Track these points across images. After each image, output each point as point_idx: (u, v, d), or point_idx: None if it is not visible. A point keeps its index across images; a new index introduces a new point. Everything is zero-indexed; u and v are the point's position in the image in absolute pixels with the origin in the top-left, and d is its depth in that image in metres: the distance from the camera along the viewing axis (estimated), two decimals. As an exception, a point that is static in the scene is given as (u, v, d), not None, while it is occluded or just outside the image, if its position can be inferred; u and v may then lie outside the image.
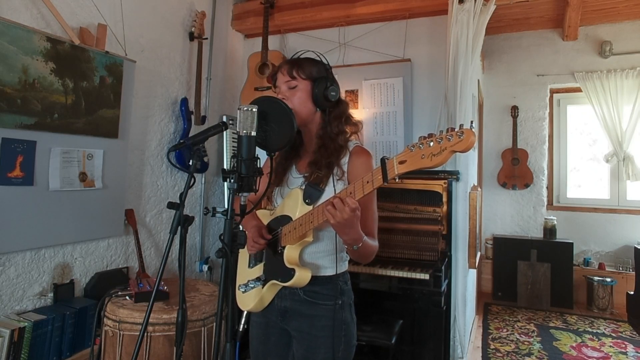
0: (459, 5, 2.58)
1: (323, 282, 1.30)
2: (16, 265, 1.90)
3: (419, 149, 0.91)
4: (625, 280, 3.92)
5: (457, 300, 2.57)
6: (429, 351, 2.25)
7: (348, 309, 1.34)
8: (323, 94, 1.28)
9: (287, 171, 1.38)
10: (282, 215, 1.32)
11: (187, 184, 1.15)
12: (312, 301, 1.29)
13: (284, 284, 1.27)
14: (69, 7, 2.09)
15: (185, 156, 2.69)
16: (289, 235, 1.26)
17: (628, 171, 4.05)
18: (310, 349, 1.28)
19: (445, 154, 0.87)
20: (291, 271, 1.24)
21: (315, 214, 1.17)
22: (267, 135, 1.21)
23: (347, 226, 1.10)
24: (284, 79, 1.30)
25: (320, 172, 1.27)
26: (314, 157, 1.30)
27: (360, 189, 1.06)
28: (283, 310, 1.33)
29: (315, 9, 3.07)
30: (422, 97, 2.94)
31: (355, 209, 1.07)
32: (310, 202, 1.25)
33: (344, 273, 1.36)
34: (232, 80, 3.40)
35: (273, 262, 1.32)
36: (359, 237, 1.16)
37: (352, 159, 1.29)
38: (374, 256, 1.28)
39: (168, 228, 2.73)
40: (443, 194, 2.42)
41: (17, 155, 1.84)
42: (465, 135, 0.85)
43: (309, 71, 1.29)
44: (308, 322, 1.29)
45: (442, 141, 0.88)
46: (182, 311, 1.17)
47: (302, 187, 1.30)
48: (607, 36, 4.08)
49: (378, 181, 1.01)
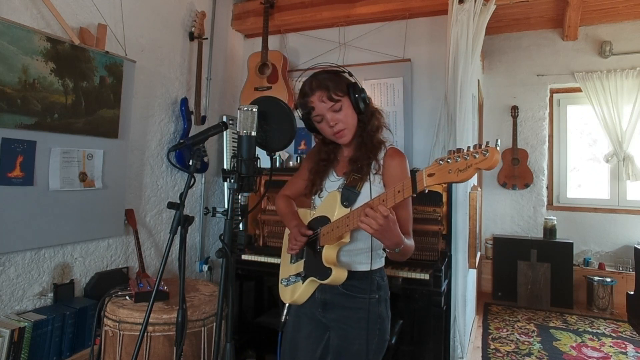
0: (459, 5, 2.58)
1: (360, 277, 1.36)
2: (16, 265, 1.90)
3: (447, 163, 0.95)
4: (625, 280, 3.91)
5: (457, 300, 2.57)
6: (429, 351, 2.25)
7: (384, 305, 1.40)
8: (361, 100, 1.34)
9: (325, 176, 1.45)
10: (321, 216, 1.37)
11: (187, 184, 1.15)
12: (350, 294, 1.35)
13: (321, 282, 1.33)
14: (69, 7, 2.09)
15: (185, 156, 2.69)
16: (327, 236, 1.31)
17: (628, 171, 4.05)
18: (345, 340, 1.35)
19: (471, 170, 0.91)
20: (328, 270, 1.30)
21: (352, 217, 1.22)
22: (267, 135, 1.21)
23: (385, 231, 1.14)
24: (326, 105, 1.31)
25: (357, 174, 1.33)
26: (354, 154, 1.37)
27: (392, 198, 1.11)
28: (323, 302, 1.39)
29: (315, 9, 3.07)
30: (422, 97, 2.94)
31: (387, 216, 1.11)
32: (347, 204, 1.30)
33: (380, 269, 1.42)
34: (232, 80, 3.40)
35: (312, 260, 1.39)
36: (400, 241, 1.21)
37: (387, 160, 1.35)
38: (411, 254, 1.33)
39: (168, 228, 2.73)
40: (443, 194, 2.42)
41: (17, 155, 1.84)
42: (489, 153, 0.88)
43: (342, 86, 1.33)
44: (345, 313, 1.36)
45: (468, 158, 0.91)
46: (182, 311, 1.18)
47: (340, 189, 1.34)
48: (607, 36, 4.08)
49: (408, 192, 1.05)
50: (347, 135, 1.35)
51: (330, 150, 1.45)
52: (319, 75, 1.35)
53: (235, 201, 1.19)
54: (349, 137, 1.36)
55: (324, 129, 1.36)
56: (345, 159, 1.42)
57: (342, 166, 1.43)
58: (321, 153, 1.45)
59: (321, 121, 1.35)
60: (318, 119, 1.35)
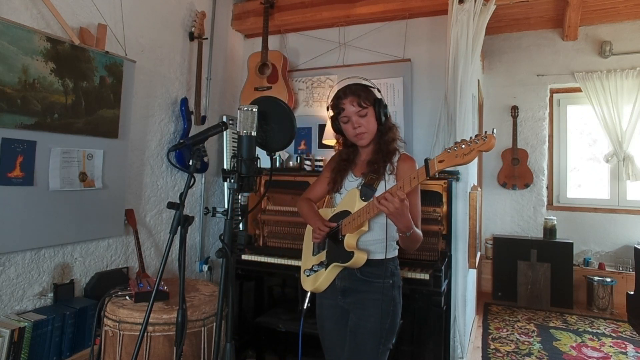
0: (459, 5, 2.58)
1: (376, 264, 1.52)
2: (16, 265, 1.90)
3: (454, 150, 1.17)
4: (625, 280, 3.91)
5: (457, 300, 2.57)
6: (429, 351, 2.25)
7: (397, 290, 1.56)
8: (383, 114, 1.56)
9: (344, 178, 1.63)
10: (342, 211, 1.55)
11: (187, 184, 1.15)
12: (367, 279, 1.52)
13: (344, 264, 1.49)
14: (69, 7, 2.09)
15: (185, 156, 2.69)
16: (348, 226, 1.48)
17: (628, 171, 4.05)
18: (362, 318, 1.51)
19: (474, 153, 1.13)
20: (350, 254, 1.46)
21: (372, 205, 1.39)
22: (267, 135, 1.22)
23: (399, 214, 1.32)
24: (355, 109, 1.53)
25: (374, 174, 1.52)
26: (372, 157, 1.57)
27: (408, 184, 1.30)
28: (343, 289, 1.56)
29: (315, 9, 3.07)
30: (422, 97, 2.94)
31: (404, 199, 1.29)
32: (365, 199, 1.48)
33: (394, 258, 1.59)
34: (232, 80, 3.40)
35: (334, 249, 1.55)
36: (410, 224, 1.39)
37: (400, 163, 1.55)
38: (419, 243, 1.51)
39: (168, 228, 2.73)
40: (443, 194, 2.42)
41: (17, 155, 1.84)
42: (488, 138, 1.12)
43: (371, 98, 1.56)
44: (362, 296, 1.52)
45: (471, 144, 1.14)
46: (182, 311, 1.18)
47: (359, 187, 1.53)
48: (607, 36, 4.08)
49: (422, 176, 1.25)
50: (366, 139, 1.56)
51: (350, 152, 1.65)
52: (353, 85, 1.58)
53: (235, 201, 1.19)
54: (367, 140, 1.56)
55: (348, 129, 1.57)
56: (363, 162, 1.61)
57: (359, 168, 1.61)
58: (342, 154, 1.67)
59: (347, 122, 1.56)
60: (345, 120, 1.56)
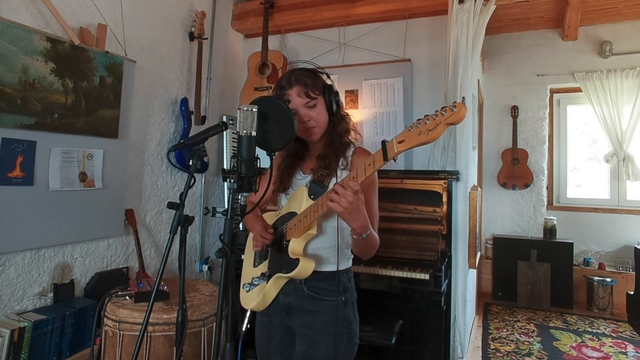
0: (459, 5, 2.58)
1: (326, 278, 1.31)
2: (16, 265, 1.90)
3: (416, 127, 0.97)
4: (625, 280, 3.91)
5: (457, 300, 2.57)
6: (429, 351, 2.25)
7: (351, 307, 1.35)
8: (335, 102, 1.35)
9: (292, 176, 1.42)
10: (287, 213, 1.34)
11: (187, 184, 1.15)
12: (316, 297, 1.31)
13: (288, 275, 1.28)
14: (69, 7, 2.09)
15: (185, 156, 2.69)
16: (294, 229, 1.28)
17: (628, 171, 4.05)
18: (312, 345, 1.30)
19: (440, 127, 0.93)
20: (295, 261, 1.25)
21: (320, 203, 1.18)
22: (267, 135, 1.21)
23: (354, 210, 1.11)
24: (302, 101, 1.32)
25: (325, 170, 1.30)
26: (323, 151, 1.35)
27: (362, 172, 1.08)
28: (287, 306, 1.35)
29: (315, 9, 3.07)
30: (422, 97, 2.94)
31: (358, 191, 1.09)
32: (314, 197, 1.26)
33: (348, 270, 1.38)
34: (232, 80, 3.40)
35: (277, 257, 1.35)
36: (367, 224, 1.18)
37: (355, 157, 1.34)
38: (375, 250, 1.30)
39: (168, 228, 2.73)
40: (443, 194, 2.41)
41: (17, 155, 1.85)
42: (457, 108, 0.91)
43: (320, 85, 1.35)
44: (311, 317, 1.31)
45: (437, 117, 0.93)
46: (182, 311, 1.17)
47: (307, 185, 1.32)
48: (607, 36, 4.07)
49: (379, 161, 1.04)
50: (317, 133, 1.35)
51: (299, 147, 1.42)
52: (298, 71, 1.35)
53: (235, 201, 1.19)
54: (318, 135, 1.35)
55: None
56: (312, 157, 1.40)
57: (308, 164, 1.41)
58: (289, 149, 1.42)
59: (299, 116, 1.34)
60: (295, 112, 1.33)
